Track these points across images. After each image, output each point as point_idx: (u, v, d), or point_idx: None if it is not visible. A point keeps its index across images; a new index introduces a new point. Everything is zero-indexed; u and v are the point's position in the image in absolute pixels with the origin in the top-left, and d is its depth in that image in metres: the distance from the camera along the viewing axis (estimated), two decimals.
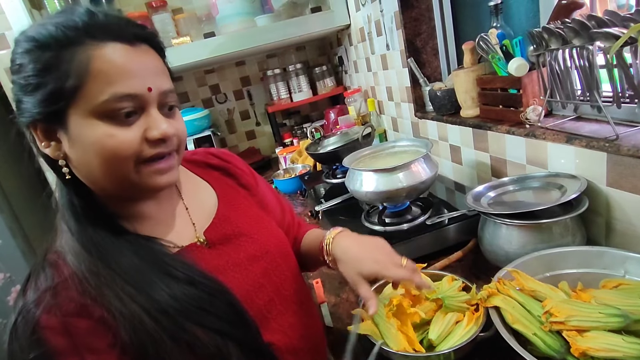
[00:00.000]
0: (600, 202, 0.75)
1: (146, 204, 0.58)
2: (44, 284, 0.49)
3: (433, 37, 1.33)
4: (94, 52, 0.47)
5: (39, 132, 0.51)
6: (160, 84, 0.52)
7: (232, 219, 0.65)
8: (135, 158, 0.50)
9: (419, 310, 0.65)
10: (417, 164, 0.94)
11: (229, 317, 0.54)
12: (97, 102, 0.47)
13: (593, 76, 0.71)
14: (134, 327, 0.48)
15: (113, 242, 0.52)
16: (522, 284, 0.63)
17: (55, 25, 0.47)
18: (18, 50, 0.48)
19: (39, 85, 0.47)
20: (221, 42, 1.86)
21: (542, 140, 0.85)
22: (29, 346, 0.46)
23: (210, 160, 0.72)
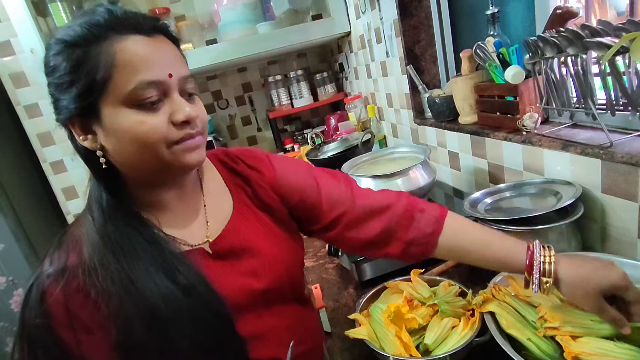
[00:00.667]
0: (596, 209, 0.75)
1: (169, 193, 0.61)
2: (59, 262, 0.53)
3: (432, 45, 1.35)
4: (118, 45, 0.50)
5: (77, 127, 0.54)
6: (180, 70, 0.54)
7: (241, 232, 0.64)
8: (165, 141, 0.53)
9: (416, 315, 0.66)
10: (415, 170, 0.95)
11: (215, 332, 0.55)
12: (125, 91, 0.50)
13: (587, 84, 0.73)
14: (126, 327, 0.51)
15: (129, 238, 0.55)
16: (517, 290, 0.64)
17: (81, 25, 0.50)
18: (50, 54, 0.52)
19: (72, 82, 0.50)
20: (223, 48, 1.88)
21: (538, 147, 0.86)
22: (35, 313, 0.51)
23: (237, 166, 0.70)
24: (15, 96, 1.93)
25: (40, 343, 0.51)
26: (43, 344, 0.51)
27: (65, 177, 2.09)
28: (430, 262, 0.93)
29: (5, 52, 1.88)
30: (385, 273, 0.93)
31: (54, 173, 2.07)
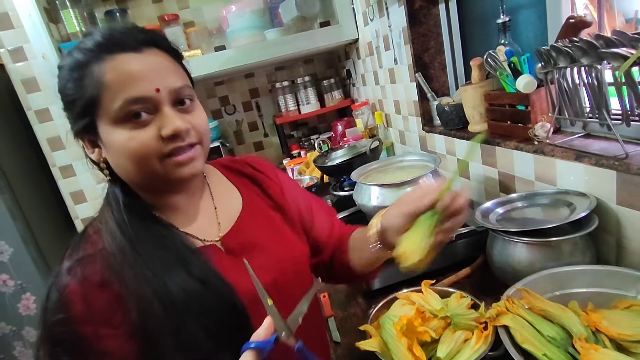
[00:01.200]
0: (611, 221, 0.74)
1: (178, 197, 0.63)
2: (77, 255, 0.55)
3: (441, 53, 1.35)
4: (107, 65, 0.52)
5: (86, 142, 0.58)
6: (170, 83, 0.55)
7: (251, 228, 0.67)
8: (157, 155, 0.54)
9: (428, 328, 0.65)
10: (425, 179, 0.94)
11: (229, 324, 0.56)
12: (114, 109, 0.52)
13: (602, 94, 0.72)
14: (143, 308, 0.52)
15: (145, 229, 0.57)
16: (532, 303, 0.63)
17: (79, 49, 0.54)
18: (60, 77, 0.56)
19: (73, 102, 0.54)
20: (231, 55, 1.90)
21: (550, 157, 0.85)
22: (56, 309, 0.52)
23: (244, 169, 0.75)
24: (26, 101, 1.96)
25: (60, 338, 0.51)
26: (63, 338, 0.51)
27: (74, 182, 2.11)
28: (440, 272, 0.92)
29: (18, 57, 1.91)
30: (394, 283, 0.92)
31: (62, 177, 2.09)
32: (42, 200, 2.07)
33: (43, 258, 1.87)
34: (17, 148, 1.99)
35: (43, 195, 2.10)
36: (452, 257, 0.94)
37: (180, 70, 0.58)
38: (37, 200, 2.02)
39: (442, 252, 0.92)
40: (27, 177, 2.00)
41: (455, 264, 0.93)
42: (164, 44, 0.57)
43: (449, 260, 0.94)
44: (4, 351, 1.88)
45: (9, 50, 1.89)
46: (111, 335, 0.52)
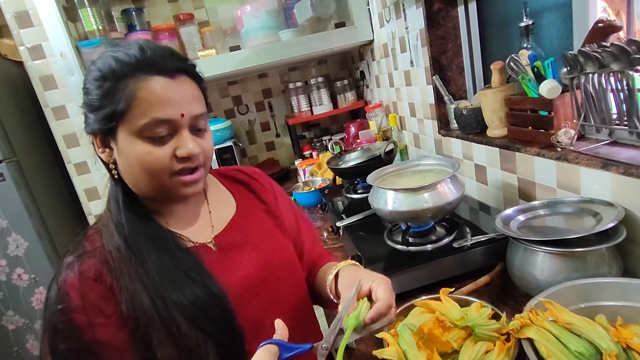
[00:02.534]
0: (639, 232, 0.72)
1: (176, 204, 0.68)
2: (77, 253, 0.60)
3: (459, 56, 1.33)
4: (141, 83, 0.57)
5: (98, 140, 0.62)
6: (193, 110, 0.61)
7: (243, 228, 0.71)
8: (168, 171, 0.60)
9: (449, 338, 0.63)
10: (443, 184, 0.93)
11: (216, 319, 0.59)
12: (140, 124, 0.57)
13: (633, 101, 0.70)
14: (132, 301, 0.56)
15: (140, 230, 0.62)
16: (557, 316, 0.60)
17: (115, 59, 0.58)
18: (88, 77, 0.60)
19: (99, 107, 0.58)
20: (246, 55, 1.90)
21: (574, 165, 0.82)
22: (55, 300, 0.56)
23: (238, 176, 0.82)
24: (44, 98, 1.99)
25: (59, 327, 0.55)
26: (60, 328, 0.55)
27: (89, 179, 2.13)
28: (457, 279, 0.90)
29: (37, 55, 1.94)
30: (410, 289, 0.90)
31: (77, 174, 2.11)
32: (57, 196, 2.10)
33: (57, 253, 1.89)
34: (33, 144, 2.02)
35: (58, 192, 2.12)
36: (469, 265, 0.92)
37: (201, 95, 0.64)
38: (52, 196, 2.05)
39: (459, 259, 0.92)
40: (43, 173, 2.02)
41: (473, 272, 0.91)
42: (193, 72, 0.63)
43: (467, 268, 0.92)
44: (18, 343, 1.91)
45: (28, 48, 1.92)
46: (104, 324, 0.56)
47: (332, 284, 0.71)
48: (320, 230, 1.41)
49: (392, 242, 1.02)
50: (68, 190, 2.16)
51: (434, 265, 0.91)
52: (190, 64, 0.63)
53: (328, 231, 1.35)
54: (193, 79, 0.63)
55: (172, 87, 0.58)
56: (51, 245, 1.88)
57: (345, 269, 0.70)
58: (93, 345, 0.55)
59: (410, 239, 1.00)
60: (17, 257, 1.82)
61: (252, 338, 0.62)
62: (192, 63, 0.63)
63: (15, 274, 1.84)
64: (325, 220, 1.51)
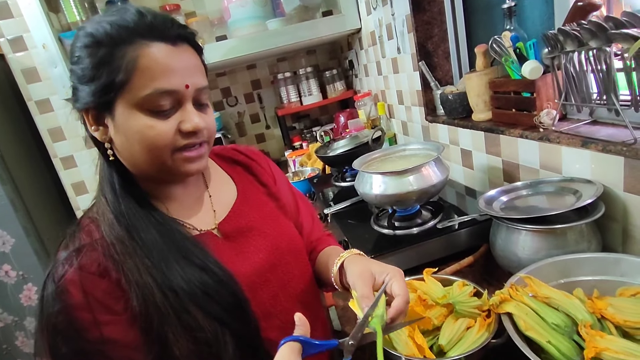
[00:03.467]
0: (617, 208, 0.73)
1: (175, 187, 0.64)
2: (73, 246, 0.54)
3: (445, 41, 1.32)
4: (142, 50, 0.52)
5: (90, 117, 0.56)
6: (197, 81, 0.56)
7: (246, 214, 0.68)
8: (171, 147, 0.55)
9: (430, 316, 0.64)
10: (427, 167, 0.93)
11: (231, 308, 0.56)
12: (141, 95, 0.52)
13: (610, 79, 0.70)
14: (144, 297, 0.52)
15: (142, 218, 0.57)
16: (536, 291, 0.61)
17: (110, 23, 0.52)
18: (77, 44, 0.54)
19: (93, 77, 0.52)
20: (233, 45, 1.88)
21: (556, 145, 0.83)
22: (53, 299, 0.51)
23: (236, 156, 0.77)
24: (27, 91, 1.95)
25: (59, 328, 0.50)
26: (61, 329, 0.50)
27: (76, 173, 2.10)
28: (443, 261, 0.91)
29: (18, 47, 1.90)
30: None
31: (64, 168, 2.09)
32: (43, 191, 2.07)
33: (44, 249, 1.87)
34: (18, 139, 1.99)
35: (44, 186, 2.10)
36: (454, 246, 0.93)
37: (203, 68, 0.59)
38: (39, 191, 2.03)
39: (444, 240, 0.92)
40: (29, 168, 2.00)
41: (457, 253, 0.92)
42: (194, 42, 0.58)
43: (452, 250, 0.93)
44: (7, 341, 1.90)
45: (8, 39, 1.88)
46: (113, 322, 0.52)
47: (337, 275, 0.66)
48: None
49: (379, 226, 1.03)
50: (55, 185, 2.14)
51: (420, 248, 0.91)
52: (191, 32, 0.57)
53: None
54: (194, 48, 0.58)
55: (175, 55, 0.53)
56: (39, 241, 1.86)
57: (352, 260, 0.64)
58: (101, 345, 0.51)
59: (397, 223, 1.01)
60: (3, 253, 1.80)
61: (265, 325, 0.60)
62: (193, 31, 0.58)
63: (2, 271, 1.82)
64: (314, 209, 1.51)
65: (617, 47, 0.68)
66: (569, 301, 0.58)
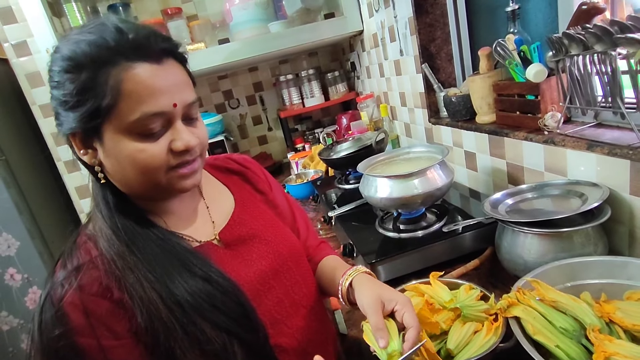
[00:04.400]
0: (624, 211, 0.73)
1: (171, 202, 0.63)
2: (72, 265, 0.52)
3: (448, 43, 1.33)
4: (126, 73, 0.49)
5: (77, 141, 0.54)
6: (185, 98, 0.54)
7: (246, 222, 0.68)
8: (164, 167, 0.54)
9: (439, 320, 0.64)
10: (432, 170, 0.93)
11: (238, 317, 0.56)
12: (129, 120, 0.50)
13: (616, 82, 0.70)
14: (149, 312, 0.51)
15: (140, 233, 0.56)
16: (543, 294, 0.61)
17: (90, 44, 0.49)
18: (55, 68, 0.51)
19: (77, 104, 0.50)
20: (235, 48, 1.88)
21: (561, 147, 0.83)
22: (53, 323, 0.49)
23: (230, 165, 0.77)
24: (30, 96, 1.96)
25: (60, 354, 0.48)
26: (63, 354, 0.48)
27: (79, 176, 2.11)
28: (448, 264, 0.91)
29: (22, 52, 1.91)
30: (401, 275, 0.91)
31: (67, 172, 2.10)
32: (47, 195, 2.08)
33: (49, 252, 1.88)
34: (22, 143, 1.99)
35: (48, 190, 2.10)
36: (459, 249, 0.93)
37: (190, 81, 0.58)
38: (43, 194, 2.03)
39: (450, 244, 0.93)
40: (33, 172, 2.00)
41: (463, 256, 0.92)
42: (178, 54, 0.56)
43: (457, 253, 0.93)
44: (13, 344, 1.90)
45: (12, 44, 1.89)
46: (116, 346, 0.50)
47: (346, 294, 0.66)
48: (313, 221, 1.41)
49: (384, 229, 1.03)
50: (59, 189, 2.15)
51: (425, 251, 0.92)
52: (175, 44, 0.55)
53: (320, 221, 1.35)
54: (179, 61, 0.56)
55: (160, 74, 0.51)
56: (43, 244, 1.87)
57: (361, 281, 0.64)
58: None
59: (402, 226, 1.01)
60: (9, 257, 1.81)
61: (273, 332, 0.60)
62: (176, 42, 0.56)
63: (7, 274, 1.83)
64: (317, 211, 1.51)
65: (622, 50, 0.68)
66: (577, 305, 0.58)
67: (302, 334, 0.64)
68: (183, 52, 0.57)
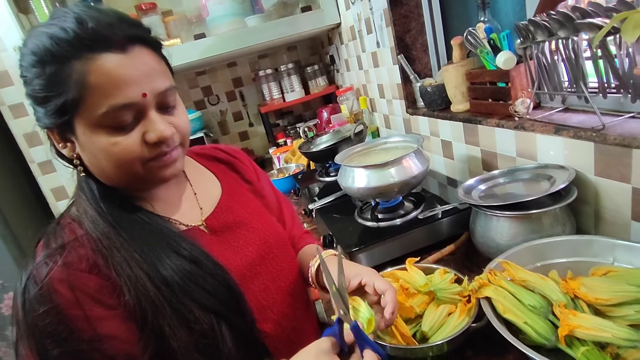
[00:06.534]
0: (589, 192, 0.75)
1: (156, 189, 0.62)
2: (56, 243, 0.52)
3: (422, 34, 1.34)
4: (89, 65, 0.48)
5: (55, 135, 0.54)
6: (156, 86, 0.52)
7: (233, 209, 0.68)
8: (140, 160, 0.53)
9: (413, 304, 0.65)
10: (408, 158, 0.94)
11: (226, 300, 0.56)
12: (97, 114, 0.49)
13: (579, 67, 0.72)
14: (137, 291, 0.51)
15: (127, 216, 0.56)
16: (513, 274, 0.63)
17: (50, 37, 0.48)
18: (23, 63, 0.50)
19: (46, 99, 0.50)
20: (212, 43, 1.85)
21: (531, 132, 0.85)
22: (38, 301, 0.47)
23: (217, 154, 0.77)
24: None
25: (48, 331, 0.47)
26: (50, 330, 0.47)
27: (55, 178, 2.05)
28: (426, 251, 0.93)
29: None
30: (381, 263, 0.92)
31: (42, 174, 2.03)
32: (21, 198, 2.01)
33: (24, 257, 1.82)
34: None
35: (22, 193, 2.04)
36: (437, 235, 0.95)
37: (164, 67, 0.55)
38: (16, 197, 1.97)
39: (427, 230, 0.94)
40: (4, 175, 1.93)
41: (440, 242, 0.94)
42: (149, 39, 0.53)
43: (434, 239, 0.95)
44: None
45: None
46: (107, 317, 0.50)
47: (315, 276, 0.69)
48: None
49: (363, 219, 1.04)
50: (33, 191, 2.08)
51: (403, 238, 0.93)
52: (144, 29, 0.53)
53: (301, 214, 1.35)
54: (150, 47, 0.53)
55: (126, 64, 0.49)
56: (18, 249, 1.81)
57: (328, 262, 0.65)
58: (96, 343, 0.48)
59: (380, 215, 1.02)
60: None
61: (259, 318, 0.60)
62: (146, 27, 0.53)
63: None
64: (299, 205, 1.51)
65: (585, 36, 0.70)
66: (544, 283, 0.60)
67: (287, 320, 0.65)
68: (155, 37, 0.54)
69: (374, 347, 0.48)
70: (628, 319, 0.53)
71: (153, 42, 0.54)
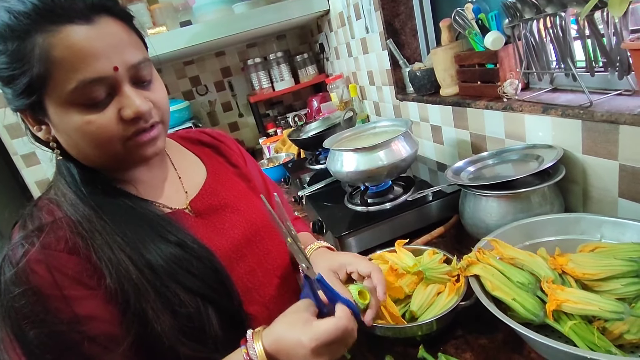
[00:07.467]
0: (577, 170, 0.75)
1: (139, 170, 0.60)
2: (33, 225, 0.50)
3: (411, 17, 1.32)
4: (52, 38, 0.45)
5: (29, 118, 0.51)
6: (127, 59, 0.49)
7: (218, 192, 0.67)
8: (118, 138, 0.51)
9: (402, 284, 0.65)
10: (397, 142, 0.93)
11: (212, 283, 0.55)
12: (67, 91, 0.46)
13: (566, 44, 0.71)
14: (119, 274, 0.49)
15: (109, 199, 0.54)
16: (501, 253, 0.63)
17: (8, 10, 0.45)
18: None
19: (12, 78, 0.47)
20: (198, 30, 1.81)
21: (519, 113, 0.85)
22: (13, 282, 0.46)
23: (202, 138, 0.75)
24: None
25: (24, 312, 0.45)
26: (27, 312, 0.45)
27: (39, 170, 2.00)
28: (416, 234, 0.92)
29: None
30: (370, 247, 0.92)
31: (26, 166, 1.98)
32: (4, 191, 1.97)
33: None
34: None
35: (4, 185, 1.99)
36: (426, 218, 0.94)
37: (135, 38, 0.52)
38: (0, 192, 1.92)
39: (417, 213, 0.93)
40: None
41: (430, 226, 0.93)
42: (116, 9, 0.50)
43: (424, 222, 0.94)
44: None
45: None
46: (87, 296, 0.48)
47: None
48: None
49: (353, 204, 1.03)
50: (17, 184, 2.04)
51: (393, 222, 0.92)
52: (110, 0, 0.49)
53: (292, 202, 1.34)
54: (119, 18, 0.50)
55: (93, 35, 0.46)
56: (2, 242, 1.77)
57: (317, 255, 0.67)
58: (76, 324, 0.47)
59: (369, 200, 1.01)
60: None
61: (245, 300, 0.59)
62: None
63: None
64: (289, 193, 1.50)
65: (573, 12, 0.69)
66: (533, 260, 0.60)
67: (274, 303, 0.64)
68: (123, 7, 0.51)
69: (344, 301, 0.48)
70: (615, 292, 0.53)
71: (121, 12, 0.51)
